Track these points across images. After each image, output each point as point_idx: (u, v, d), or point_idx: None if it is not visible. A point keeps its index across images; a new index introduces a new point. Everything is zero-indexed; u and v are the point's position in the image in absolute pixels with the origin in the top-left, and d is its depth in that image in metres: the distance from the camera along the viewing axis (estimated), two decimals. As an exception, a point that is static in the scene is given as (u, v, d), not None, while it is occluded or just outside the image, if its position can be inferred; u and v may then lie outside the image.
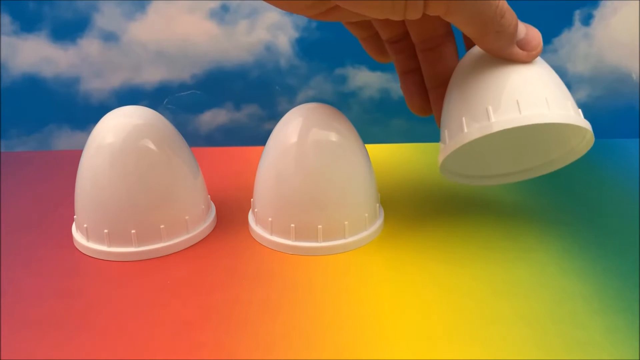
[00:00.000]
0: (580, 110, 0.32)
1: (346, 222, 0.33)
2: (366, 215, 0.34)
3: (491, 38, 0.29)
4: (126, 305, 0.29)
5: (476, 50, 0.32)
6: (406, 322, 0.27)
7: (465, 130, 0.30)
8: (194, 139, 0.54)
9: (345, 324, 0.27)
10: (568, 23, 0.50)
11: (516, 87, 0.30)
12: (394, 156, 0.48)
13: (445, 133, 0.32)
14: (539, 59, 0.31)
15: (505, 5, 0.29)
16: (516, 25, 0.30)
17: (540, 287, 0.30)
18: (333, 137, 0.32)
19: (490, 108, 0.30)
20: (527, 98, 0.29)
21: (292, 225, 0.33)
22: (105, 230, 0.32)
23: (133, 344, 0.26)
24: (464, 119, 0.31)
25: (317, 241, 0.33)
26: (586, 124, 0.31)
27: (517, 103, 0.29)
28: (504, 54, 0.30)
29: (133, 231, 0.32)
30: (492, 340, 0.26)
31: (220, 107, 0.53)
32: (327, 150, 0.32)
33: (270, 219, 0.33)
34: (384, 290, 0.30)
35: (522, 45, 0.30)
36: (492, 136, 0.30)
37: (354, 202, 0.33)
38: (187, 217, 0.34)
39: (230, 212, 0.38)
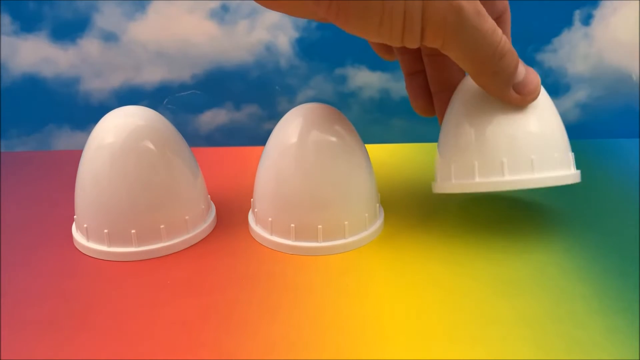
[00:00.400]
0: (571, 155, 0.33)
1: (346, 222, 0.33)
2: (366, 215, 0.34)
3: (487, 77, 0.29)
4: (126, 305, 0.29)
5: None
6: (406, 322, 0.27)
7: (453, 180, 0.33)
8: (194, 139, 0.54)
9: (345, 324, 0.27)
10: (568, 23, 0.50)
11: (505, 144, 0.31)
12: (394, 156, 0.48)
13: (436, 170, 0.34)
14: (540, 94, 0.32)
15: (507, 45, 0.28)
16: (516, 67, 0.29)
17: (540, 287, 0.30)
18: (333, 137, 0.32)
19: (476, 165, 0.31)
20: (513, 160, 0.31)
21: (292, 225, 0.33)
22: (105, 230, 0.32)
23: (133, 344, 0.26)
24: (452, 167, 0.33)
25: (317, 241, 0.33)
26: (570, 179, 0.32)
27: (502, 165, 0.31)
28: (498, 96, 0.30)
29: (133, 231, 0.32)
30: (492, 340, 0.26)
31: (220, 107, 0.53)
32: (327, 150, 0.32)
33: (270, 219, 0.33)
34: (384, 290, 0.30)
35: (518, 88, 0.30)
36: None
37: (354, 202, 0.33)
38: (187, 217, 0.34)
39: (230, 212, 0.38)
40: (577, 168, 0.33)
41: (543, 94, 0.33)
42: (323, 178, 0.32)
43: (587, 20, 0.49)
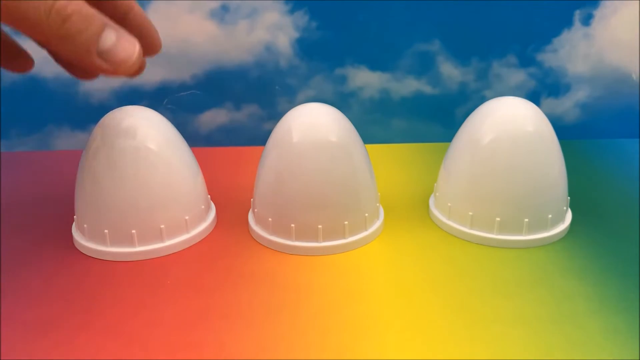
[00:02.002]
0: (567, 211, 0.35)
1: (346, 222, 0.33)
2: (366, 215, 0.34)
3: (56, 42, 0.25)
4: (126, 305, 0.29)
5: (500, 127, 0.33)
6: (406, 322, 0.27)
7: (450, 223, 0.35)
8: (194, 139, 0.53)
9: (345, 324, 0.27)
10: (568, 23, 0.50)
11: (502, 202, 0.33)
12: (394, 156, 0.48)
13: (435, 196, 0.36)
14: (551, 146, 0.33)
15: (73, 7, 0.25)
16: (95, 34, 0.26)
17: (540, 287, 0.30)
18: (333, 137, 0.32)
19: (470, 215, 0.34)
20: (506, 219, 0.33)
21: (292, 225, 0.33)
22: (105, 230, 0.32)
23: (133, 344, 0.26)
24: (449, 205, 0.35)
25: (317, 241, 0.33)
26: (557, 235, 0.34)
27: (496, 222, 0.33)
28: (83, 64, 0.27)
29: (133, 231, 0.32)
30: (492, 340, 0.26)
31: (220, 107, 0.53)
32: (327, 150, 0.32)
33: (270, 219, 0.33)
34: (384, 290, 0.30)
35: (105, 56, 0.26)
36: None
37: (354, 202, 0.33)
38: (187, 217, 0.34)
39: (230, 212, 0.38)
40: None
41: (554, 143, 0.33)
42: (323, 178, 0.32)
43: (587, 20, 0.49)
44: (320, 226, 0.32)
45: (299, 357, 0.25)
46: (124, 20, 0.31)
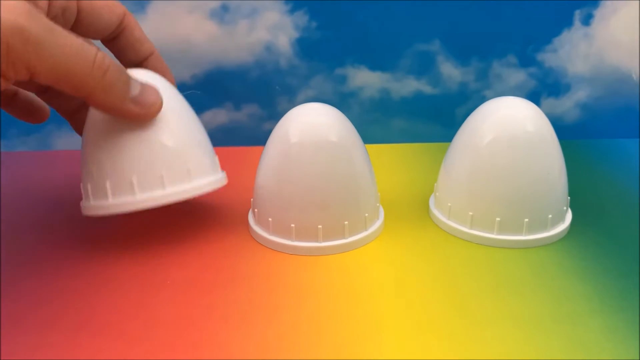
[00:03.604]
0: (567, 211, 0.35)
1: (346, 222, 0.33)
2: (366, 215, 0.34)
3: (98, 94, 0.27)
4: (126, 305, 0.29)
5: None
6: (406, 322, 0.27)
7: (450, 223, 0.35)
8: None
9: (346, 324, 0.27)
10: (568, 23, 0.50)
11: (503, 202, 0.33)
12: (394, 156, 0.48)
13: (439, 201, 0.36)
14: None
15: (108, 60, 0.27)
16: (127, 83, 0.28)
17: (540, 286, 0.30)
18: (333, 137, 0.32)
19: (470, 215, 0.34)
20: (506, 219, 0.33)
21: (292, 225, 0.33)
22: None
23: (133, 343, 0.26)
24: (449, 204, 0.35)
25: (317, 241, 0.33)
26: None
27: (496, 222, 0.33)
28: (118, 112, 0.29)
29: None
30: (492, 340, 0.26)
31: (220, 107, 0.53)
32: (327, 150, 0.32)
33: (270, 219, 0.33)
34: (384, 290, 0.30)
35: (136, 102, 0.29)
36: None
37: (354, 202, 0.33)
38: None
39: (230, 212, 0.38)
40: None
41: (554, 143, 0.33)
42: (323, 178, 0.32)
43: (587, 20, 0.49)
44: (320, 226, 0.32)
45: (299, 357, 0.25)
46: (145, 62, 0.35)
